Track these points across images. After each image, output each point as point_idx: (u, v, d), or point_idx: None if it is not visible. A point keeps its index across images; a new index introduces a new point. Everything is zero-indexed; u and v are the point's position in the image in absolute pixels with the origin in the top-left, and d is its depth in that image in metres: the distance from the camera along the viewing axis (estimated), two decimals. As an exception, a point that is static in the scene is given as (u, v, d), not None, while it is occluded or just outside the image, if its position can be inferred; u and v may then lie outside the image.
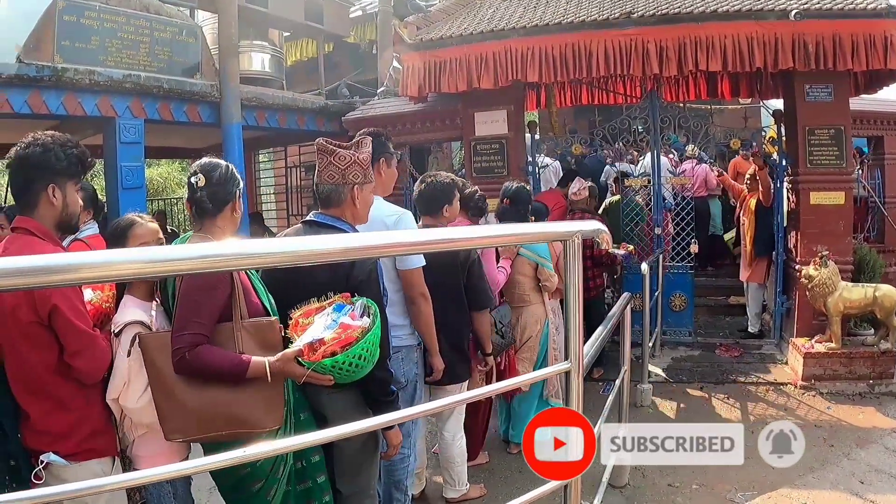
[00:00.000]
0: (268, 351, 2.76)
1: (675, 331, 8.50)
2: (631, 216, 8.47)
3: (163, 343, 2.69)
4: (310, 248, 1.70)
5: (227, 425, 2.67)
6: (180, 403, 2.66)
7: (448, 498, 4.81)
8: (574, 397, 2.09)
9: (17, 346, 2.71)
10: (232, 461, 1.79)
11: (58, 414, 2.77)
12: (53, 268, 1.32)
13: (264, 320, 2.87)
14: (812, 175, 7.44)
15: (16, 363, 2.76)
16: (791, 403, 6.49)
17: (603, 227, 2.09)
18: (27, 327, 2.68)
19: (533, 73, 7.40)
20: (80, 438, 2.79)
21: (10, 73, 6.79)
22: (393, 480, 4.11)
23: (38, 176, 2.83)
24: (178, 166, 24.90)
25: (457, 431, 4.70)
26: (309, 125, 10.66)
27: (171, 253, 1.49)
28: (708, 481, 4.98)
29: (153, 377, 2.70)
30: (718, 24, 6.90)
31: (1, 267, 1.30)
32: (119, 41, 7.75)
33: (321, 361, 2.59)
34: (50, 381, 2.74)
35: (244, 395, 2.69)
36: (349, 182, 3.18)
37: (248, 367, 2.67)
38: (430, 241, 1.99)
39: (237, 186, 3.02)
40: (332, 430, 2.04)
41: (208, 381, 2.68)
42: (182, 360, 2.63)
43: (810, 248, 7.20)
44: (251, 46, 11.33)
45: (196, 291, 2.70)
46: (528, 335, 5.52)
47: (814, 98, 7.40)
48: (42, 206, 2.84)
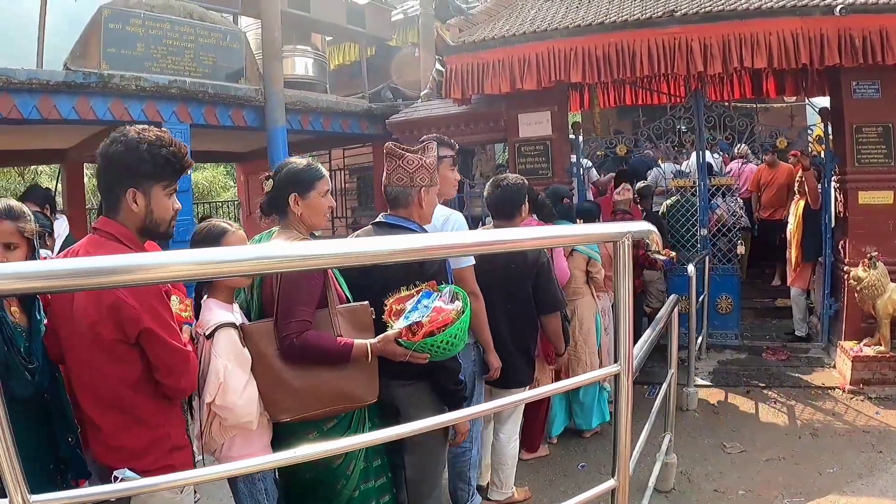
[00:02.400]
0: (362, 333, 2.98)
1: (722, 333, 8.38)
2: (687, 217, 8.37)
3: (267, 331, 2.90)
4: (379, 248, 1.72)
5: (333, 401, 2.91)
6: (287, 385, 2.86)
7: (493, 500, 4.82)
8: (623, 400, 2.07)
9: (92, 360, 2.50)
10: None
11: (136, 430, 2.57)
12: (104, 270, 1.32)
13: (357, 305, 3.08)
14: (860, 174, 7.29)
15: (87, 376, 2.55)
16: (839, 408, 6.35)
17: (653, 228, 2.07)
18: (109, 344, 2.45)
19: (576, 73, 7.37)
20: (158, 455, 2.60)
21: (58, 80, 6.92)
22: (456, 472, 4.28)
23: (118, 178, 2.57)
24: (222, 170, 25.19)
25: (513, 434, 4.73)
26: (353, 128, 10.74)
27: (219, 255, 1.50)
28: (754, 487, 4.91)
29: (259, 364, 2.88)
30: (763, 20, 6.82)
31: (46, 269, 1.33)
32: (164, 47, 7.88)
33: (421, 341, 2.84)
34: (128, 397, 2.54)
35: (346, 373, 2.92)
36: (416, 185, 3.35)
37: (352, 349, 2.88)
38: (485, 243, 1.99)
39: (297, 185, 3.06)
40: (409, 425, 2.09)
41: (311, 363, 2.88)
42: (291, 345, 2.83)
43: (859, 248, 7.09)
44: (294, 51, 11.46)
45: (298, 283, 2.86)
46: (587, 327, 5.68)
47: (861, 95, 7.25)
48: (123, 211, 2.58)
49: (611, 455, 2.20)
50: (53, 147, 10.94)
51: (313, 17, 11.11)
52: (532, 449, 5.53)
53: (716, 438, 5.77)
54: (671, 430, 4.88)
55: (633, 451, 3.17)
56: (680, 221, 8.32)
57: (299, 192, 3.05)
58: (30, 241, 2.79)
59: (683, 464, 5.17)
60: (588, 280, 5.74)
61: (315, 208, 3.11)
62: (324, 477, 2.99)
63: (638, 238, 2.01)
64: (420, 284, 3.04)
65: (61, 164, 12.11)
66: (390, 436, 2.10)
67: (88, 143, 10.01)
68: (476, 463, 4.49)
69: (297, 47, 11.57)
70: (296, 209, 3.06)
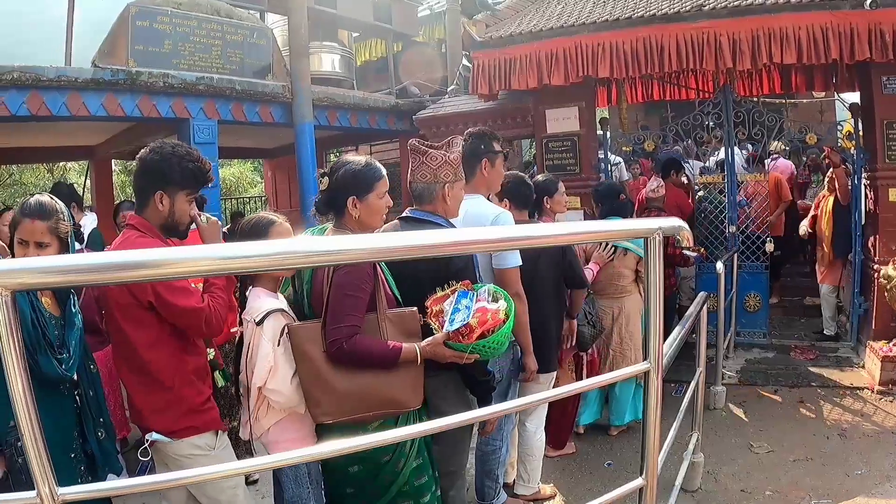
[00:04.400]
0: (409, 338, 2.98)
1: (750, 332, 8.30)
2: (716, 213, 8.28)
3: (313, 334, 2.90)
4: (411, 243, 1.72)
5: (379, 406, 2.91)
6: (331, 388, 2.87)
7: (520, 494, 4.84)
8: (653, 398, 2.05)
9: (120, 326, 2.91)
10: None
11: (154, 391, 2.96)
12: (140, 263, 1.36)
13: (406, 311, 3.06)
14: (891, 171, 7.17)
15: (119, 341, 2.98)
16: (867, 409, 6.27)
17: (684, 224, 2.06)
18: (127, 308, 2.87)
19: (604, 68, 7.33)
20: (177, 415, 2.97)
21: (86, 77, 7.01)
22: (485, 469, 4.36)
23: (151, 181, 3.03)
24: (249, 166, 25.35)
25: (539, 424, 4.74)
26: (380, 124, 10.79)
27: (242, 250, 1.51)
28: (781, 488, 4.86)
29: (304, 365, 2.90)
30: (792, 14, 6.74)
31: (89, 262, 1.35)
32: (192, 44, 7.95)
33: (473, 343, 2.84)
34: (144, 358, 2.92)
35: (393, 378, 2.92)
36: (440, 181, 3.37)
37: (401, 354, 2.88)
38: (514, 238, 1.99)
39: (355, 188, 3.04)
40: (441, 420, 2.09)
41: (358, 367, 2.89)
42: (340, 349, 2.82)
43: (889, 246, 7.01)
44: (321, 47, 11.50)
45: (349, 286, 2.87)
46: (633, 323, 5.73)
47: (892, 90, 7.13)
48: (150, 209, 3.05)
49: (637, 453, 2.19)
50: (82, 144, 11.10)
51: (340, 14, 11.16)
52: (559, 445, 5.53)
53: (743, 438, 5.72)
54: (698, 429, 4.84)
55: (662, 450, 3.15)
56: (708, 218, 8.24)
57: (357, 195, 3.03)
58: (63, 239, 2.94)
59: (710, 463, 5.13)
60: (637, 279, 5.77)
61: (373, 210, 3.09)
62: (371, 474, 3.01)
63: (668, 234, 1.99)
64: (455, 284, 3.05)
65: (90, 160, 12.26)
66: (421, 431, 2.11)
67: (116, 139, 10.15)
68: (505, 461, 4.53)
69: (323, 44, 11.62)
70: (353, 212, 3.03)
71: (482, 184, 4.09)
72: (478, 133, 4.14)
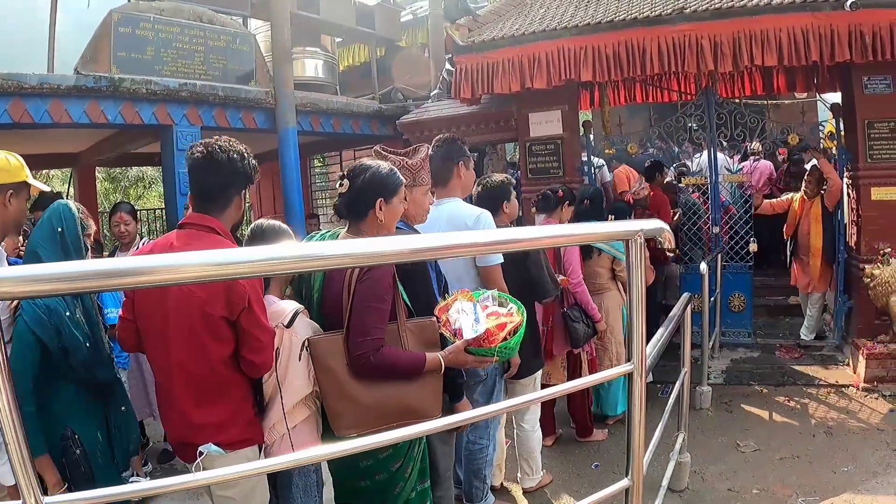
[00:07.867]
0: (429, 347, 3.01)
1: (735, 332, 8.35)
2: (688, 215, 8.34)
3: (335, 346, 2.87)
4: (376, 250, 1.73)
5: (401, 416, 2.85)
6: (355, 401, 2.86)
7: (526, 488, 4.99)
8: (637, 399, 2.06)
9: (193, 339, 2.77)
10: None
11: (220, 404, 2.86)
12: (129, 270, 1.36)
13: (426, 320, 3.08)
14: (872, 170, 7.23)
15: (185, 355, 2.79)
16: (853, 406, 6.32)
17: (665, 226, 2.07)
18: (215, 321, 2.75)
19: (586, 72, 7.34)
20: (241, 427, 2.90)
21: (69, 84, 6.95)
22: (472, 469, 4.37)
23: (234, 181, 2.94)
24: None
25: (535, 423, 4.88)
26: (363, 129, 10.75)
27: (234, 256, 1.51)
28: (769, 486, 4.90)
29: (325, 379, 2.88)
30: (773, 16, 6.75)
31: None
32: (174, 51, 7.91)
33: (493, 347, 2.90)
34: (220, 373, 2.82)
35: (414, 388, 2.93)
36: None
37: (425, 364, 2.90)
38: (495, 242, 1.99)
39: (383, 190, 3.06)
40: (428, 423, 2.16)
41: (382, 378, 2.88)
42: (367, 363, 2.81)
43: (872, 245, 7.05)
44: (304, 53, 11.47)
45: (372, 297, 2.86)
46: (613, 317, 5.89)
47: (872, 90, 7.19)
48: (232, 210, 2.97)
49: (623, 454, 2.20)
50: (65, 151, 11.02)
51: (323, 19, 11.14)
52: (586, 433, 5.89)
53: (729, 437, 5.75)
54: (684, 429, 4.87)
55: (647, 451, 3.16)
56: (692, 220, 8.28)
57: (385, 198, 3.05)
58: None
59: (697, 463, 5.15)
60: (614, 277, 5.96)
61: (395, 213, 3.13)
62: (381, 486, 3.02)
63: (650, 236, 2.00)
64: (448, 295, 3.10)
65: (73, 167, 12.18)
66: (407, 435, 2.11)
67: (100, 146, 10.09)
68: (492, 461, 4.56)
69: (306, 49, 11.58)
70: (379, 214, 3.04)
71: (458, 186, 4.22)
72: (449, 139, 4.24)
